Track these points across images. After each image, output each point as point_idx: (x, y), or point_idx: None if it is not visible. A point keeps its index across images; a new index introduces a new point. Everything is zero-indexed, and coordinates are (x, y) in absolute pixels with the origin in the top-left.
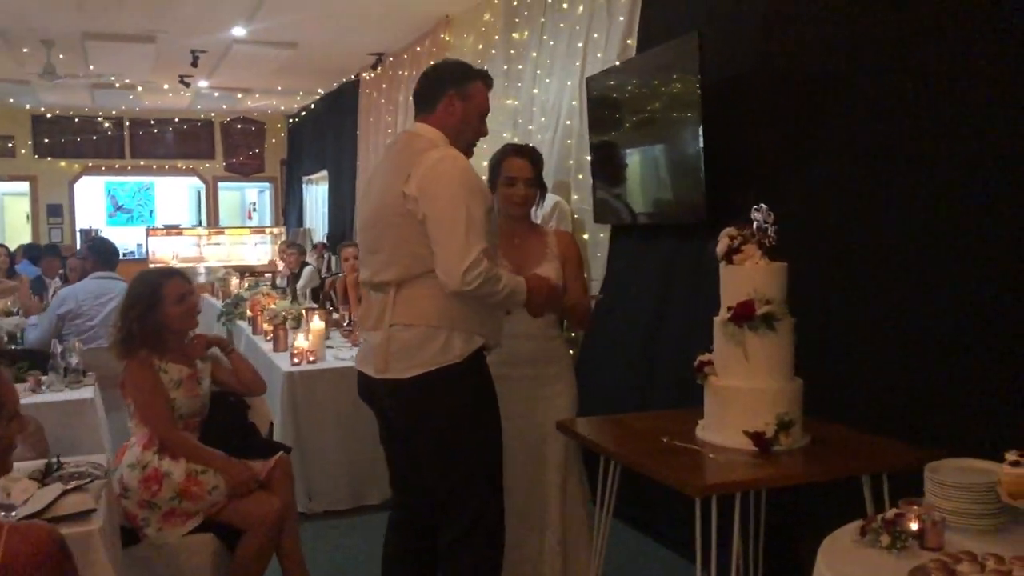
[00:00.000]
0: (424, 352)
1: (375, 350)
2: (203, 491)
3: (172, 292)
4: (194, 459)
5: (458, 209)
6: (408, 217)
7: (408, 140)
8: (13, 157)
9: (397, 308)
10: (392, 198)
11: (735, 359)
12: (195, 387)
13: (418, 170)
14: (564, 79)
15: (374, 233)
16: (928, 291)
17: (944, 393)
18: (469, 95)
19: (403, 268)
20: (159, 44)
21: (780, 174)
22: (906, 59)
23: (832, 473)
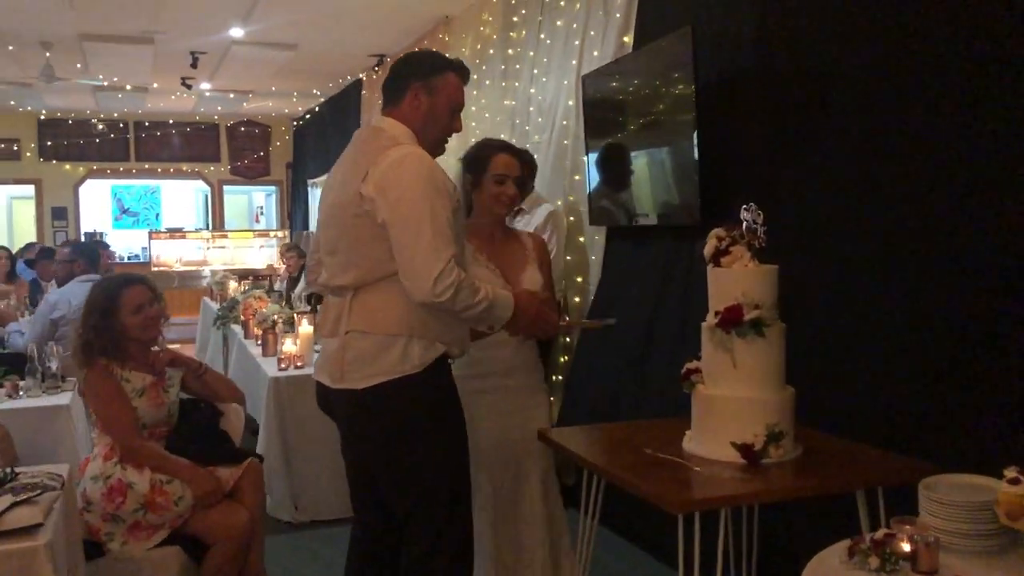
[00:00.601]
0: (381, 361)
1: (331, 358)
2: (168, 502)
3: (130, 302)
4: (159, 468)
5: (422, 212)
6: (365, 218)
7: (370, 135)
8: (19, 160)
9: (353, 314)
10: (348, 197)
11: (723, 367)
12: (159, 396)
13: (377, 168)
14: (561, 78)
15: (331, 233)
16: (930, 296)
17: (947, 403)
18: (436, 88)
19: (361, 272)
20: (157, 45)
21: (778, 173)
22: (909, 53)
23: (823, 488)
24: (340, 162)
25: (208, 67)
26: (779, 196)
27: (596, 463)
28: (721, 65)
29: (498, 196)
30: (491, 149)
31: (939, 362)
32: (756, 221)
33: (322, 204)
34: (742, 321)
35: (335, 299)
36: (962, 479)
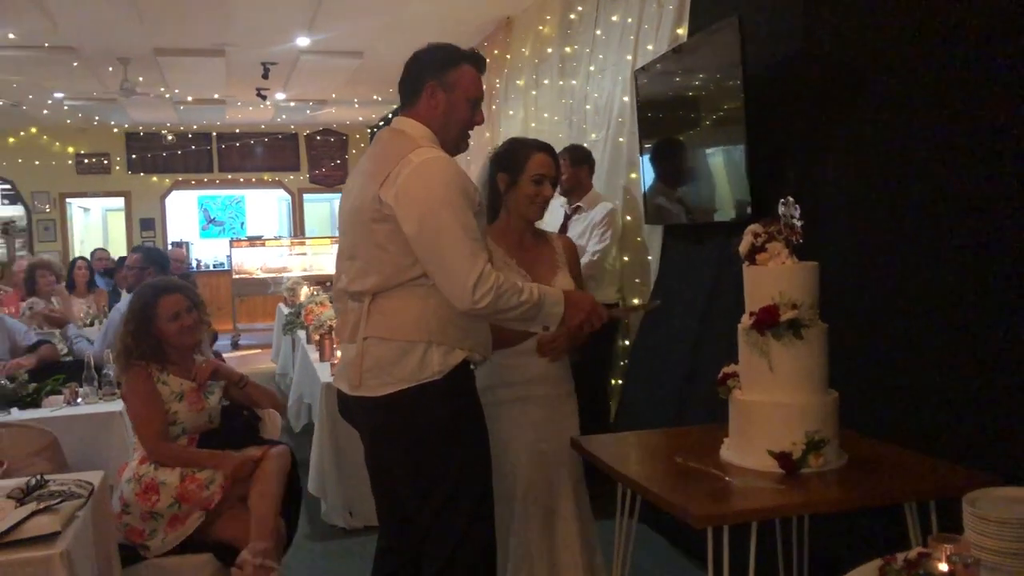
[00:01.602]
0: (400, 368)
1: (349, 365)
2: (200, 487)
3: (166, 310)
4: (186, 465)
5: (450, 221)
6: (384, 223)
7: (389, 138)
8: (109, 174)
9: (372, 320)
10: (367, 202)
11: (759, 371)
12: (200, 401)
13: (398, 174)
14: (616, 74)
15: (350, 238)
16: (989, 295)
17: (1007, 410)
18: (452, 83)
19: (380, 278)
20: (228, 57)
21: (825, 168)
22: (953, 44)
23: (865, 501)
24: (359, 166)
25: (280, 77)
26: (826, 191)
27: (624, 472)
28: (770, 56)
29: (533, 198)
30: (528, 148)
31: (1001, 365)
32: (793, 215)
33: (342, 209)
34: (778, 322)
35: (354, 305)
36: (1013, 492)
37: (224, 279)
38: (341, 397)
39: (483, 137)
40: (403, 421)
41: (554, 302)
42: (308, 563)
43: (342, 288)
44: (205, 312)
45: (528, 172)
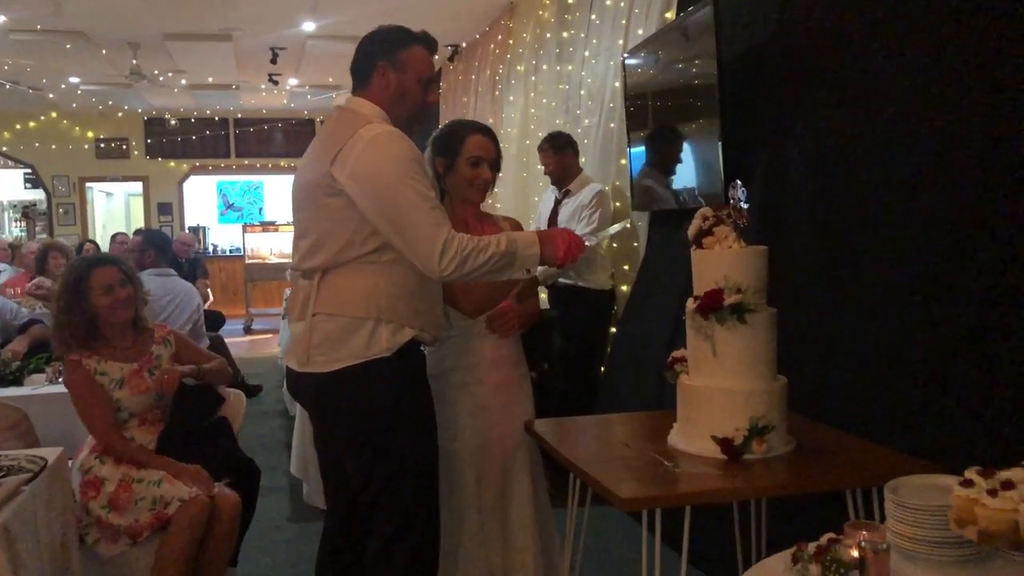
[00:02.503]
0: (348, 344)
1: (298, 342)
2: (130, 500)
3: (98, 282)
4: (142, 465)
5: (406, 193)
6: (335, 198)
7: (339, 116)
8: (127, 159)
9: (321, 296)
10: (319, 178)
11: (704, 355)
12: (143, 381)
13: (350, 150)
14: (608, 59)
15: (302, 216)
16: (943, 282)
17: (959, 398)
18: (403, 63)
19: (330, 253)
20: (236, 42)
21: (795, 153)
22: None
23: (804, 487)
24: (311, 146)
25: (290, 63)
26: (793, 178)
27: (567, 456)
28: (745, 42)
29: (472, 180)
30: (465, 130)
31: (953, 355)
32: (740, 199)
33: (295, 188)
34: (722, 306)
35: (304, 282)
36: (935, 480)
37: (239, 264)
38: (290, 375)
39: (486, 122)
40: (349, 398)
41: (527, 244)
42: (289, 545)
43: (294, 267)
44: (141, 289)
45: (465, 154)
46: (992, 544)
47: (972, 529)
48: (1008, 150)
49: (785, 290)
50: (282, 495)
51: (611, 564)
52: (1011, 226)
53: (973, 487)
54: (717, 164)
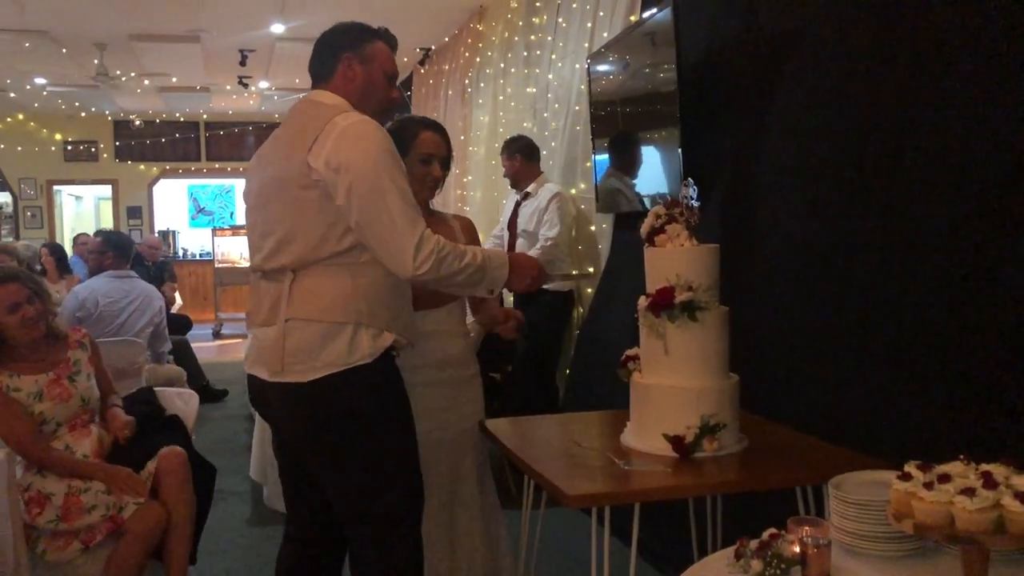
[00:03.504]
0: (327, 351)
1: (268, 349)
2: (81, 509)
3: (3, 301)
4: (71, 473)
5: (384, 185)
6: (312, 190)
7: (306, 109)
8: (96, 161)
9: (294, 300)
10: (292, 170)
11: (656, 353)
12: (64, 389)
13: (327, 138)
14: (574, 62)
15: (266, 213)
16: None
17: (912, 398)
18: (369, 56)
19: (303, 251)
20: (204, 44)
21: (757, 155)
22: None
23: (755, 484)
24: (274, 140)
25: (260, 65)
26: (760, 180)
27: (518, 454)
28: (706, 43)
29: (423, 178)
30: (415, 126)
31: (908, 353)
32: (692, 197)
33: (252, 185)
34: (673, 304)
35: (269, 285)
36: (879, 476)
37: (209, 268)
38: (256, 384)
39: (456, 126)
40: (331, 408)
41: (498, 265)
42: (249, 548)
43: (256, 267)
44: (51, 302)
45: (415, 151)
46: (928, 536)
47: (909, 522)
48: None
49: (747, 291)
50: (242, 499)
51: (572, 565)
52: (972, 226)
53: (911, 481)
54: (678, 168)
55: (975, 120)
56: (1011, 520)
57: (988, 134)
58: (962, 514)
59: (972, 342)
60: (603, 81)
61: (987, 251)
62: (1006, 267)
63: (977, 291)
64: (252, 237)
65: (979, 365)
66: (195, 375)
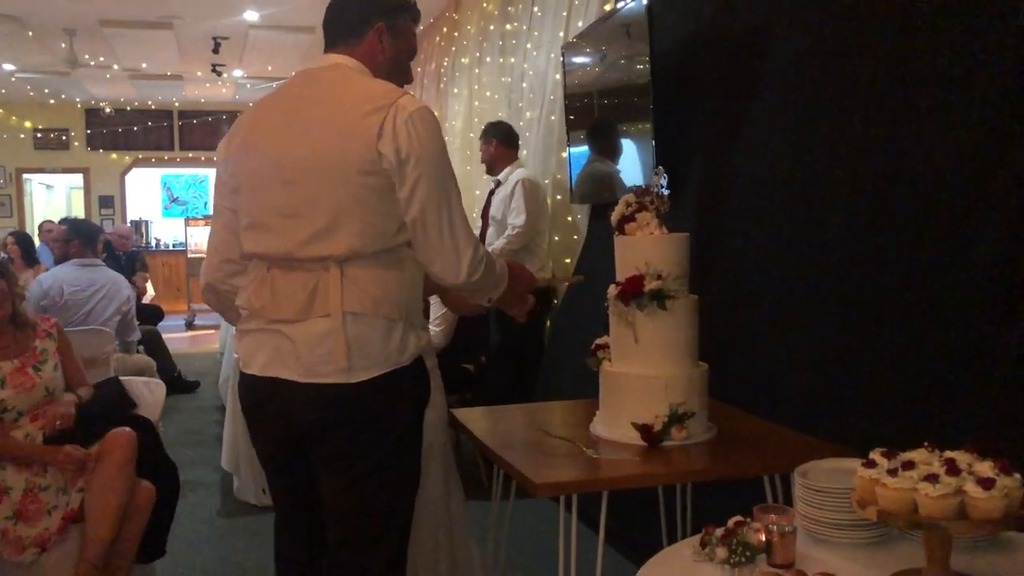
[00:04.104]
0: (382, 349)
1: (310, 346)
2: (40, 511)
3: None
4: (25, 459)
5: (451, 181)
6: (375, 177)
7: (347, 77)
8: (67, 150)
9: (347, 292)
10: (355, 153)
11: (626, 342)
12: (28, 378)
13: (394, 121)
14: (549, 51)
15: (298, 193)
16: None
17: (882, 389)
18: (400, 30)
19: (360, 241)
20: (177, 30)
21: (730, 146)
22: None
23: (722, 472)
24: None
25: (234, 53)
26: (733, 171)
27: (485, 443)
28: (680, 34)
29: None
30: None
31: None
32: (662, 185)
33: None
34: (642, 292)
35: (297, 275)
36: (846, 464)
37: (182, 258)
38: (266, 388)
39: None
40: (377, 410)
41: (503, 275)
42: (219, 540)
43: (277, 255)
44: (16, 284)
45: None
46: (892, 523)
47: (873, 509)
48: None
49: (718, 280)
50: (212, 490)
51: (543, 554)
52: (939, 216)
53: (875, 468)
54: (651, 159)
55: (943, 115)
56: (973, 506)
57: (956, 127)
58: (925, 500)
59: (939, 332)
60: (578, 72)
61: (953, 242)
62: (971, 255)
63: (944, 281)
64: (253, 213)
65: (945, 354)
66: (166, 365)
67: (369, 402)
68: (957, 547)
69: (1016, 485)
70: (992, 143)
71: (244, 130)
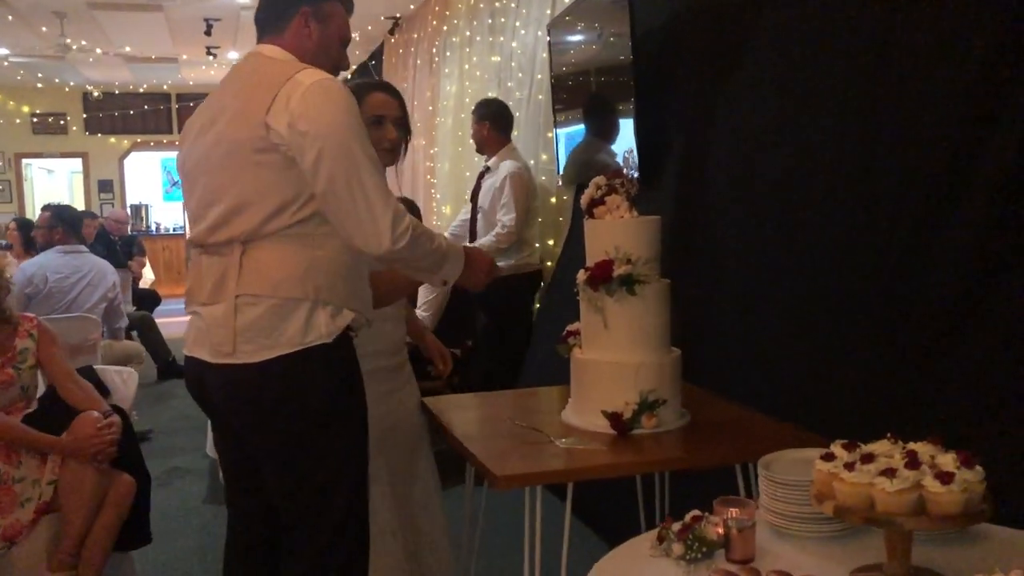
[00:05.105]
0: (281, 331)
1: (213, 328)
2: (13, 503)
3: None
4: (21, 444)
5: (358, 153)
6: (270, 154)
7: (258, 64)
8: (66, 134)
9: (245, 274)
10: (245, 131)
11: (596, 328)
12: (8, 376)
13: (288, 96)
14: (536, 29)
15: (209, 180)
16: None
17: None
18: (326, 15)
19: (256, 221)
20: (168, 12)
21: (711, 128)
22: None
23: (692, 462)
24: (215, 102)
25: (227, 35)
26: (715, 153)
27: (452, 432)
28: (661, 11)
29: (379, 142)
30: (364, 89)
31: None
32: (631, 168)
33: (188, 153)
34: (611, 277)
35: (212, 259)
36: (811, 455)
37: (183, 242)
38: (195, 369)
39: (423, 97)
40: (281, 393)
41: (456, 257)
42: (204, 527)
43: (197, 241)
44: (3, 277)
45: (365, 114)
46: (849, 519)
47: (830, 504)
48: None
49: (696, 264)
50: (200, 476)
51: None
52: (912, 208)
53: (834, 461)
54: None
55: (929, 106)
56: (931, 501)
57: (937, 109)
58: (881, 496)
59: (916, 315)
60: (564, 50)
61: (932, 224)
62: (947, 239)
63: (915, 269)
64: (191, 208)
65: (921, 338)
66: (159, 351)
67: (273, 383)
68: (921, 540)
69: (977, 479)
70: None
71: (188, 127)
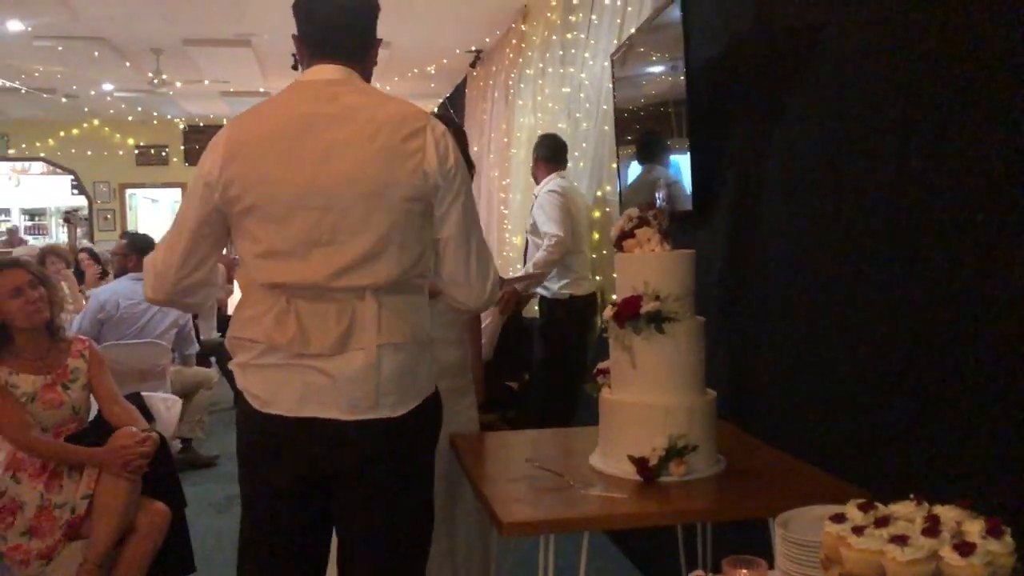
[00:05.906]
0: (418, 379)
1: (348, 384)
2: (54, 526)
3: (5, 286)
4: (62, 460)
5: (474, 204)
6: (418, 202)
7: (365, 91)
8: (166, 165)
9: (384, 322)
10: (402, 177)
11: (624, 367)
12: (57, 395)
13: (431, 143)
14: (603, 60)
15: (329, 218)
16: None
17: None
18: None
19: (398, 269)
20: (256, 47)
21: (767, 162)
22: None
23: (715, 515)
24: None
25: None
26: (769, 187)
27: (472, 472)
28: (719, 42)
29: None
30: None
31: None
32: (661, 199)
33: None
34: (638, 315)
35: (330, 306)
36: (830, 510)
37: None
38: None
39: (499, 129)
40: (418, 442)
41: None
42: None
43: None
44: (57, 294)
45: None
46: None
47: (835, 571)
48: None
49: (746, 302)
50: None
51: None
52: (974, 245)
53: (844, 523)
54: (687, 171)
55: (995, 138)
56: (949, 575)
57: (1006, 156)
58: (892, 565)
59: (977, 368)
60: (624, 80)
61: (989, 270)
62: (1007, 296)
63: (978, 314)
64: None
65: (981, 392)
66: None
67: (412, 434)
68: None
69: (1005, 551)
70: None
71: (246, 147)
